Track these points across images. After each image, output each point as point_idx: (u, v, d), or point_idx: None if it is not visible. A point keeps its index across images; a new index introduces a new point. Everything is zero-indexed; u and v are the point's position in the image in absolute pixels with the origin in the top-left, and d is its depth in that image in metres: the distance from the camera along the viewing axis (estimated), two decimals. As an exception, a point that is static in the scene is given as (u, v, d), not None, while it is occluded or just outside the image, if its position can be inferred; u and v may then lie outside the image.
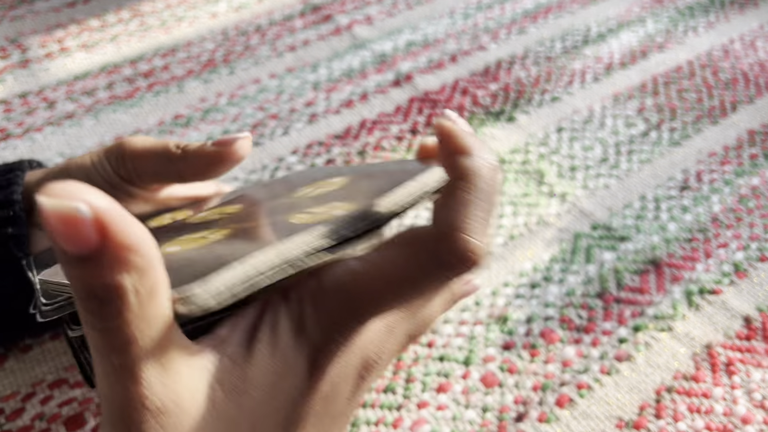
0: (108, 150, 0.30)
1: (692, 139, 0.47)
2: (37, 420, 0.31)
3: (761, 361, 0.33)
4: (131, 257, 0.16)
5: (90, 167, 0.30)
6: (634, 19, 0.59)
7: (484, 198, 0.21)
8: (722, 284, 0.37)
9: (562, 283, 0.37)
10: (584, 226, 0.40)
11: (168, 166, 0.29)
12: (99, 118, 0.48)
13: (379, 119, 0.48)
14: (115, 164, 0.30)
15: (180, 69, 0.53)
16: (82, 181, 0.29)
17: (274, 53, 0.55)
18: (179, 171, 0.29)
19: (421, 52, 0.55)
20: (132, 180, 0.30)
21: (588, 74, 0.53)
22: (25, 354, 0.33)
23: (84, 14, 0.59)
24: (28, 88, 0.50)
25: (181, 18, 0.59)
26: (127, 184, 0.30)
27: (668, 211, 0.41)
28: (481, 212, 0.20)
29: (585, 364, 0.33)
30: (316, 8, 0.60)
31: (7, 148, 0.45)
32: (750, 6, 0.61)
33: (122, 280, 0.16)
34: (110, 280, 0.16)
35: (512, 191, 0.42)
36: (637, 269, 0.37)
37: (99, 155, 0.30)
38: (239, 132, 0.30)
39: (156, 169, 0.30)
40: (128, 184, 0.30)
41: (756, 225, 0.40)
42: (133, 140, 0.30)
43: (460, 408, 0.31)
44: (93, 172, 0.30)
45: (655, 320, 0.35)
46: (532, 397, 0.32)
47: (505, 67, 0.53)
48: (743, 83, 0.52)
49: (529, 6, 0.61)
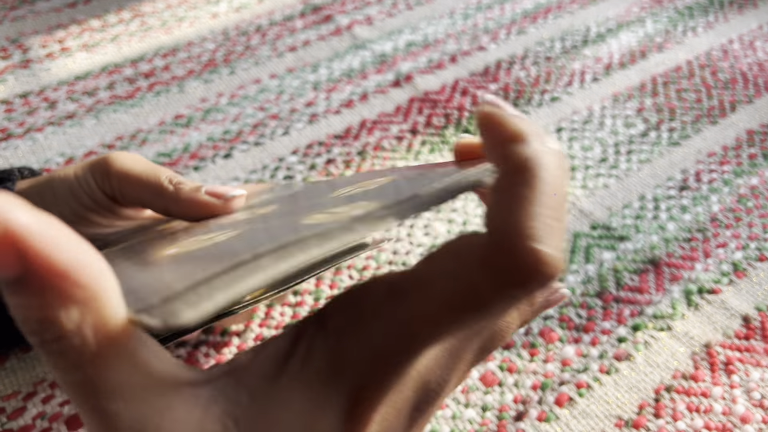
0: (93, 165, 0.29)
1: (691, 139, 0.47)
2: (39, 419, 0.31)
3: (760, 360, 0.33)
4: (67, 287, 0.13)
5: (73, 181, 0.29)
6: (633, 19, 0.59)
7: (550, 193, 0.16)
8: (721, 284, 0.37)
9: (561, 283, 0.37)
10: (584, 226, 0.40)
11: (157, 199, 0.28)
12: (100, 118, 0.48)
13: (380, 119, 0.48)
14: (100, 181, 0.29)
15: (181, 69, 0.53)
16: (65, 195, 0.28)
17: (274, 53, 0.55)
18: (166, 208, 0.28)
19: (421, 52, 0.55)
20: (116, 198, 0.29)
21: (587, 74, 0.53)
22: (26, 353, 0.33)
23: (85, 14, 0.59)
24: (29, 88, 0.51)
25: (182, 18, 0.59)
26: (111, 202, 0.29)
27: (667, 210, 0.41)
28: (549, 211, 0.16)
29: (584, 363, 0.33)
30: (316, 9, 0.60)
31: (8, 148, 0.45)
32: (749, 6, 0.61)
33: (59, 315, 0.13)
34: (44, 313, 0.13)
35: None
36: (637, 269, 0.38)
37: (84, 169, 0.29)
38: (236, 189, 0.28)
39: (143, 198, 0.28)
40: (112, 202, 0.29)
41: (755, 225, 0.40)
42: (120, 159, 0.28)
43: (459, 407, 0.31)
44: (76, 186, 0.29)
45: (654, 319, 0.35)
46: (532, 396, 0.32)
47: (504, 68, 0.53)
48: (742, 83, 0.52)
49: (528, 6, 0.61)
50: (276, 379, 0.16)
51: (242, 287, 0.15)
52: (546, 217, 0.16)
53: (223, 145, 0.46)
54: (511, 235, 0.15)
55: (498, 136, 0.17)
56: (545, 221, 0.16)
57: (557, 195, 0.16)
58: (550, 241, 0.15)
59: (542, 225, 0.15)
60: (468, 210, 0.41)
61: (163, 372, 0.15)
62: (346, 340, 0.17)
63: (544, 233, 0.15)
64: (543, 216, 0.16)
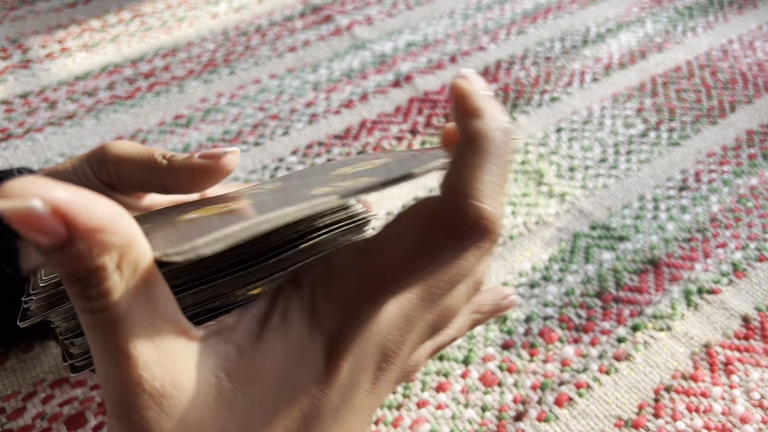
0: (90, 154, 0.29)
1: (691, 140, 0.47)
2: (39, 419, 0.31)
3: (759, 360, 0.33)
4: (105, 238, 0.16)
5: (71, 173, 0.29)
6: (633, 19, 0.59)
7: (495, 162, 0.19)
8: (721, 284, 0.37)
9: (561, 283, 0.37)
10: (583, 226, 0.40)
11: (152, 175, 0.28)
12: (100, 119, 0.48)
13: (379, 119, 0.48)
14: (97, 169, 0.29)
15: (181, 69, 0.53)
16: None
17: (274, 54, 0.55)
18: (163, 182, 0.28)
19: (421, 52, 0.55)
20: (113, 185, 0.29)
21: (587, 75, 0.53)
22: (26, 354, 0.33)
23: (85, 15, 0.59)
24: (29, 89, 0.51)
25: (182, 18, 0.59)
26: (109, 190, 0.29)
27: (667, 211, 0.41)
28: (492, 177, 0.19)
29: (584, 364, 0.33)
30: (316, 9, 0.60)
31: (8, 148, 0.45)
32: (749, 7, 0.61)
33: (101, 261, 0.16)
34: (89, 263, 0.16)
35: (511, 191, 0.43)
36: (636, 269, 0.38)
37: (80, 160, 0.29)
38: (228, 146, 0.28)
39: (139, 178, 0.28)
40: (110, 190, 0.29)
41: (754, 225, 0.40)
42: (116, 145, 0.29)
43: (459, 407, 0.31)
44: (74, 177, 0.29)
45: (653, 320, 0.35)
46: (532, 396, 0.32)
47: (504, 68, 0.54)
48: (742, 84, 0.52)
49: (528, 7, 0.61)
50: (259, 334, 0.19)
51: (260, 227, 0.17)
52: (488, 182, 0.19)
53: (223, 145, 0.46)
54: (458, 194, 0.19)
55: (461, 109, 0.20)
56: (488, 185, 0.19)
57: (501, 164, 0.20)
58: (490, 201, 0.19)
59: (485, 187, 0.19)
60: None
61: (178, 324, 0.18)
62: (319, 295, 0.20)
63: (486, 194, 0.19)
64: (486, 181, 0.19)
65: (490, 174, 0.19)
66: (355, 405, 0.21)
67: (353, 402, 0.20)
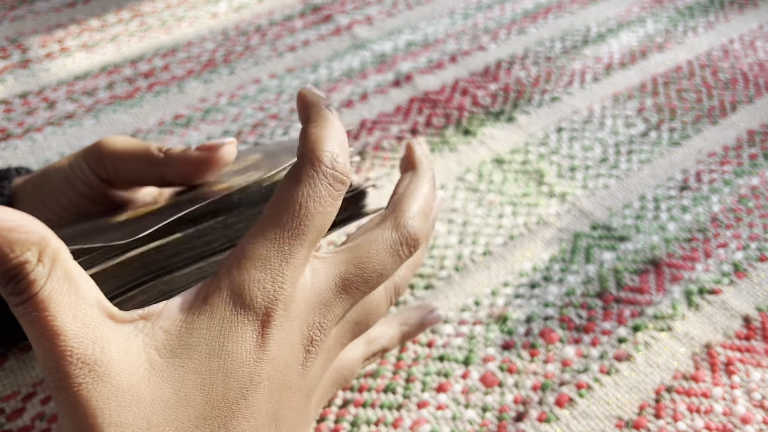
0: (86, 151, 0.30)
1: (692, 139, 0.47)
2: (38, 420, 0.31)
3: (761, 360, 0.33)
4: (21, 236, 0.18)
5: (68, 169, 0.29)
6: (633, 19, 0.59)
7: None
8: (722, 284, 0.37)
9: (561, 283, 0.37)
10: (584, 226, 0.40)
11: (149, 169, 0.28)
12: (99, 118, 0.48)
13: (379, 119, 0.48)
14: (94, 165, 0.29)
15: (180, 69, 0.53)
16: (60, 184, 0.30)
17: (274, 53, 0.55)
18: (161, 174, 0.28)
19: (421, 52, 0.55)
20: (111, 180, 0.30)
21: (588, 74, 0.53)
22: (26, 354, 0.33)
23: (84, 14, 0.59)
24: (29, 88, 0.51)
25: (182, 18, 0.59)
26: (106, 185, 0.30)
27: (668, 211, 0.41)
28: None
29: (585, 364, 0.33)
30: (316, 8, 0.60)
31: (7, 148, 0.45)
32: (749, 6, 0.61)
33: (24, 257, 0.18)
34: (14, 260, 0.18)
35: (512, 191, 0.42)
36: (637, 269, 0.38)
37: (77, 156, 0.30)
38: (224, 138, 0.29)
39: (136, 172, 0.29)
40: (107, 185, 0.30)
41: (755, 225, 0.40)
42: (112, 140, 0.29)
43: (459, 408, 0.31)
44: (71, 174, 0.29)
45: (654, 320, 0.35)
46: (532, 396, 0.32)
47: (504, 68, 0.53)
48: (743, 83, 0.52)
49: (528, 6, 0.61)
50: (184, 318, 0.21)
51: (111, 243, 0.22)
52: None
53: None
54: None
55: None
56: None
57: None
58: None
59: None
60: (468, 210, 0.41)
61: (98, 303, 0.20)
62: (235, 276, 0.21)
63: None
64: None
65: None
66: (288, 381, 0.22)
67: (286, 378, 0.22)
